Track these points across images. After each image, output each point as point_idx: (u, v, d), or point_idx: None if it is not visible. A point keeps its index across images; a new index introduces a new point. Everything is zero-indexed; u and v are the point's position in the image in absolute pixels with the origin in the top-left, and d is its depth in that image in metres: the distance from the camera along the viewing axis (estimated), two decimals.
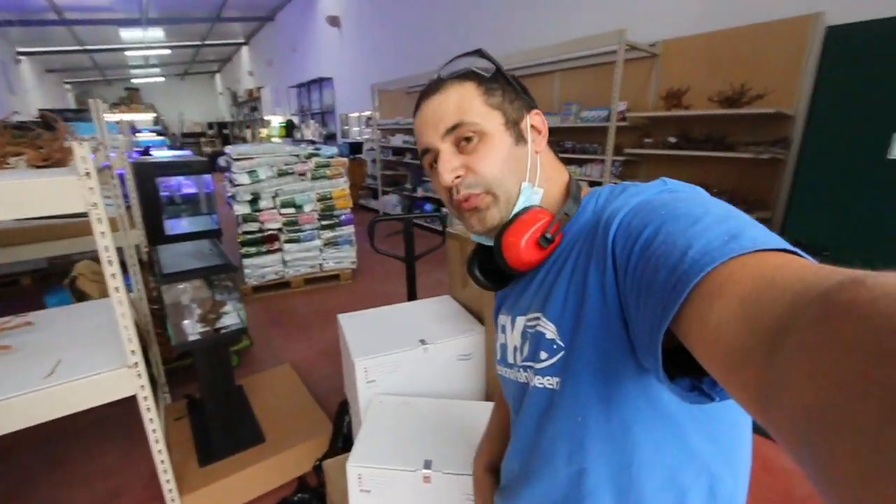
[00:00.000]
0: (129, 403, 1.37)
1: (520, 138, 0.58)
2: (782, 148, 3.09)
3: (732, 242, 0.33)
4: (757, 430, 0.48)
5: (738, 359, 0.27)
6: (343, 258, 4.60)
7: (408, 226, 2.18)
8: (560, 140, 4.54)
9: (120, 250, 1.37)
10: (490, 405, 0.93)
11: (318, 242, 4.40)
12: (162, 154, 5.75)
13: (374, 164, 7.80)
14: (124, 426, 2.28)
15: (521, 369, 0.60)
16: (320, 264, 4.48)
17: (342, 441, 1.85)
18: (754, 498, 1.33)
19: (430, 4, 6.45)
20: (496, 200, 0.58)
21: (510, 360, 0.64)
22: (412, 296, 2.28)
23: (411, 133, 6.24)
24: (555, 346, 0.52)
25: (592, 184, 0.65)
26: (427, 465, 0.77)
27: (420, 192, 6.92)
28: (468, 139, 0.56)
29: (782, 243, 0.33)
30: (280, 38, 12.47)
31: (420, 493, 0.79)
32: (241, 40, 15.09)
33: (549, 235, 0.56)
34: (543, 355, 0.54)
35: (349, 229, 4.56)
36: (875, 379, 0.17)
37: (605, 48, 3.82)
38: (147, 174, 2.73)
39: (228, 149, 4.06)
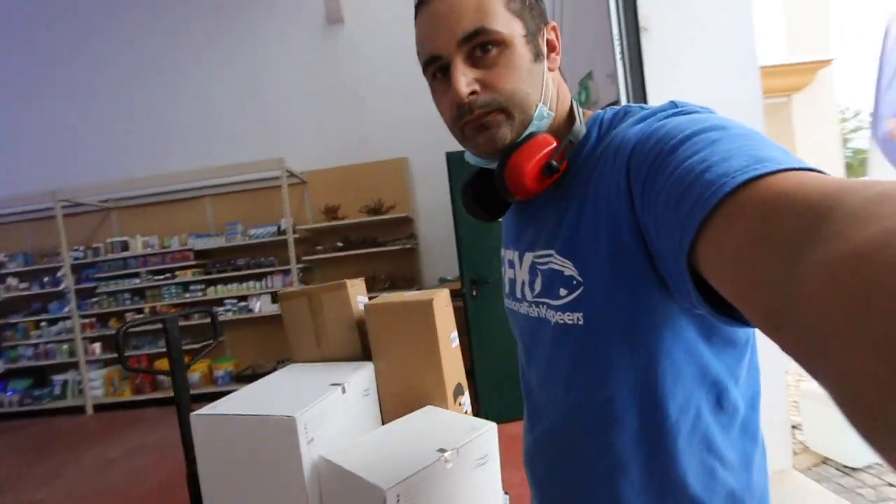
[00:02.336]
0: None
1: (538, 53, 0.52)
2: (412, 239, 4.35)
3: (755, 164, 0.30)
4: None
5: (757, 278, 0.27)
6: None
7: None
8: (231, 259, 4.47)
9: None
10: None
11: None
12: None
13: None
14: None
15: (533, 304, 0.57)
16: None
17: None
18: None
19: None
20: (510, 120, 0.52)
21: (518, 294, 0.61)
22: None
23: None
24: (574, 283, 0.50)
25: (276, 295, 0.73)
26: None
27: None
28: (485, 49, 0.49)
29: (804, 163, 0.30)
30: None
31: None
32: None
33: (554, 164, 0.51)
34: (563, 292, 0.51)
35: None
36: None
37: (265, 174, 4.25)
38: None
39: None
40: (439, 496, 0.78)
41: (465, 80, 0.49)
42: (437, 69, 0.53)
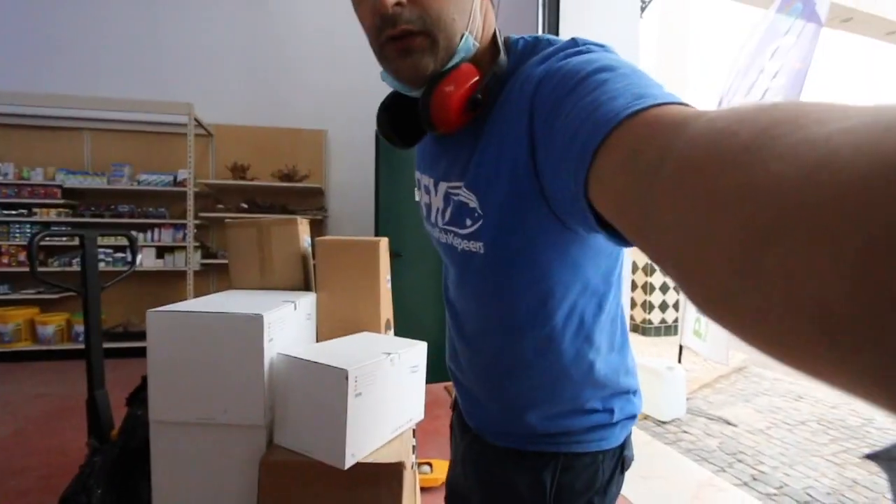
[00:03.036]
0: None
1: None
2: (322, 210, 4.35)
3: (634, 101, 0.32)
4: None
5: (624, 202, 0.29)
6: None
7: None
8: (111, 204, 3.98)
9: None
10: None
11: None
12: None
13: None
14: None
15: (443, 231, 0.60)
16: None
17: None
18: None
19: None
20: (434, 46, 0.49)
21: (433, 219, 0.64)
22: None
23: None
24: (476, 214, 0.53)
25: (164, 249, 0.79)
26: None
27: None
28: None
29: (676, 98, 0.32)
30: None
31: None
32: None
33: (479, 98, 0.51)
34: (468, 222, 0.54)
35: None
36: (715, 222, 0.19)
37: (165, 118, 3.88)
38: None
39: None
40: (383, 387, 0.96)
41: None
42: None
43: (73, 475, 1.30)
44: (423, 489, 1.99)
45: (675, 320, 5.57)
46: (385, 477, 0.88)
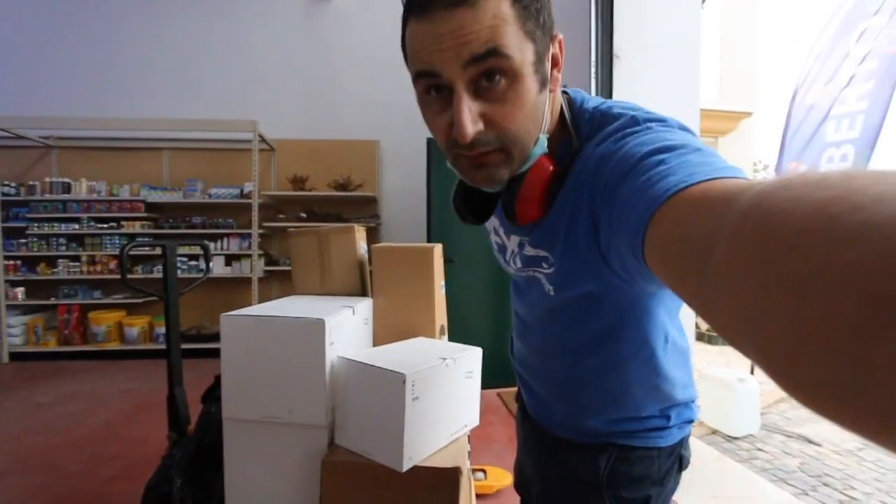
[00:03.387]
0: None
1: (544, 81, 0.49)
2: (375, 218, 4.47)
3: (685, 178, 0.34)
4: None
5: (680, 275, 0.30)
6: None
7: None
8: (187, 216, 4.34)
9: None
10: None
11: None
12: None
13: None
14: None
15: (519, 270, 0.66)
16: None
17: None
18: None
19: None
20: (509, 159, 0.50)
21: (507, 259, 0.70)
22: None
23: None
24: (545, 265, 0.58)
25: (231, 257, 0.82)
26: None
27: None
28: (492, 79, 0.45)
29: (726, 171, 0.34)
30: None
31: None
32: None
33: (554, 189, 0.54)
34: (543, 265, 0.59)
35: None
36: (774, 275, 0.19)
37: (232, 135, 4.18)
38: None
39: None
40: (438, 392, 0.96)
41: (470, 116, 0.46)
42: (431, 85, 0.48)
43: (155, 465, 1.41)
44: (477, 496, 1.97)
45: None
46: (442, 482, 0.88)
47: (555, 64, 0.52)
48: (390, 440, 0.85)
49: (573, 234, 0.52)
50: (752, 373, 3.36)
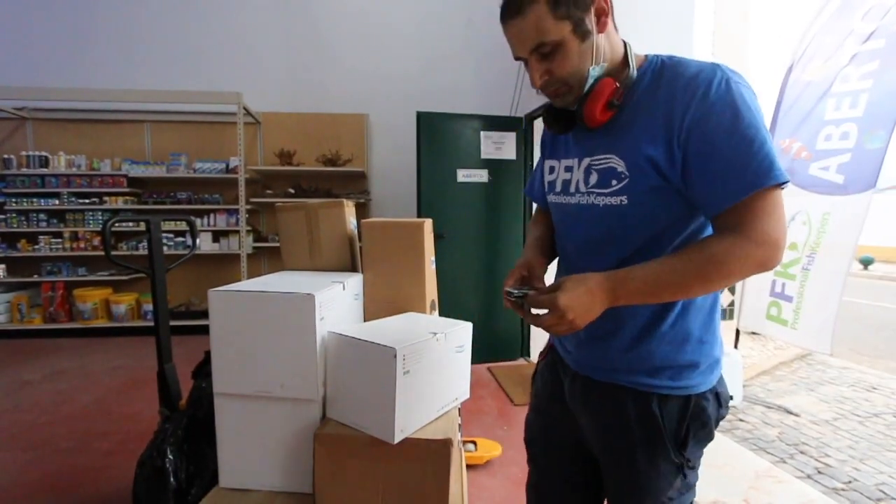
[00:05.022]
0: None
1: (586, 34, 0.71)
2: (365, 194, 4.42)
3: (763, 176, 0.63)
4: None
5: (718, 228, 0.68)
6: None
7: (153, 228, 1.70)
8: (171, 191, 4.24)
9: None
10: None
11: None
12: None
13: None
14: None
15: (585, 194, 0.81)
16: None
17: None
18: None
19: None
20: (571, 90, 0.75)
21: (571, 189, 0.84)
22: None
23: None
24: (623, 176, 0.74)
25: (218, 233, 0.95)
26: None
27: None
28: (544, 51, 0.71)
29: (783, 176, 0.63)
30: None
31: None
32: None
33: (615, 102, 0.73)
34: (614, 182, 0.75)
35: None
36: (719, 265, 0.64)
37: (216, 108, 4.05)
38: None
39: None
40: (429, 366, 0.96)
41: (537, 74, 0.75)
42: (523, 61, 0.77)
43: (148, 440, 1.42)
44: (468, 467, 2.02)
45: (731, 304, 5.27)
46: (433, 453, 0.89)
47: (601, 13, 0.72)
48: (382, 413, 0.86)
49: (647, 144, 0.70)
50: (735, 347, 3.45)
